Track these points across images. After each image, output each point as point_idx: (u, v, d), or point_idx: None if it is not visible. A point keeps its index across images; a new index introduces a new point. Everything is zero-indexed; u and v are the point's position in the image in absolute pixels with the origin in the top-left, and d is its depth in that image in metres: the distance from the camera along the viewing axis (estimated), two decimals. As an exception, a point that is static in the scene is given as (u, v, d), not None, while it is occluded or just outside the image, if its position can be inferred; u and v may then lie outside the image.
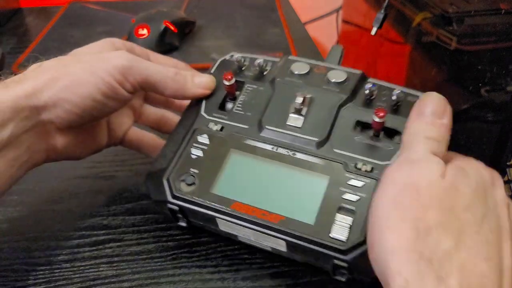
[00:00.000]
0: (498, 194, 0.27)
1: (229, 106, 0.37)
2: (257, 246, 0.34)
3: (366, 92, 0.34)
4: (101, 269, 0.36)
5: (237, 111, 0.36)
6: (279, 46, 0.69)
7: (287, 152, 0.33)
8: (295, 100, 0.34)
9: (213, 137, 0.35)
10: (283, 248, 0.32)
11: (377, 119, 0.31)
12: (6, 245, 0.38)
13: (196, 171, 0.33)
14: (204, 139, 0.35)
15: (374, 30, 0.46)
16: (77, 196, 0.43)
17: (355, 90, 0.35)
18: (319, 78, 0.36)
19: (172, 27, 0.67)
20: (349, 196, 0.30)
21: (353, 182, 0.31)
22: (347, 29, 0.93)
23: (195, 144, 0.35)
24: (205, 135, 0.35)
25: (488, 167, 0.29)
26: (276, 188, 0.32)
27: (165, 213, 0.35)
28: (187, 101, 0.39)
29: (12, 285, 0.35)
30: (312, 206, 0.30)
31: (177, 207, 0.33)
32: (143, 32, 0.66)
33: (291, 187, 0.32)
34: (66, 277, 0.36)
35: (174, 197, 0.33)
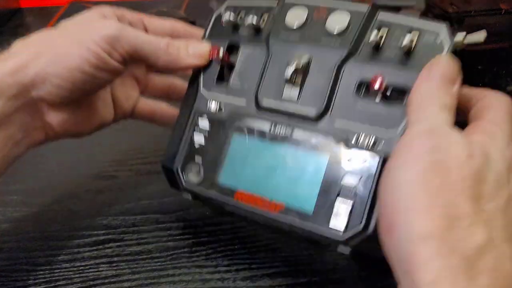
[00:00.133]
0: None
1: (227, 77, 0.34)
2: (265, 226, 0.34)
3: (371, 40, 0.29)
4: (101, 269, 0.36)
5: (234, 83, 0.33)
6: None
7: (286, 130, 0.30)
8: (287, 68, 0.30)
9: (213, 120, 0.33)
10: (286, 231, 0.31)
11: (376, 87, 0.27)
12: (6, 245, 0.38)
13: (200, 159, 0.33)
14: (204, 123, 0.34)
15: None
16: (77, 196, 0.43)
17: (359, 38, 0.30)
18: (318, 28, 0.31)
19: (172, 27, 0.67)
20: (349, 178, 0.28)
21: (353, 160, 0.28)
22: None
23: (196, 130, 0.34)
24: (205, 119, 0.34)
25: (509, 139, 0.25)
26: (276, 172, 0.30)
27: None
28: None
29: (12, 285, 0.35)
30: (311, 191, 0.28)
31: (190, 196, 0.34)
32: (143, 32, 0.65)
33: (291, 170, 0.30)
34: (66, 277, 0.36)
35: (187, 185, 0.33)
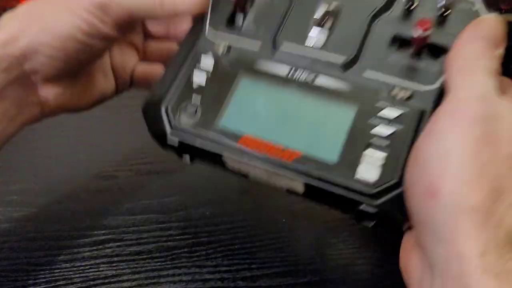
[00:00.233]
0: None
1: (238, 20, 0.31)
2: (271, 185, 0.30)
3: None
4: (101, 269, 0.36)
5: (247, 26, 0.31)
6: None
7: (307, 76, 0.28)
8: (317, 10, 0.28)
9: (218, 59, 0.30)
10: (299, 190, 0.28)
11: (419, 33, 0.26)
12: (6, 245, 0.38)
13: (198, 99, 0.29)
14: (207, 61, 0.30)
15: None
16: (77, 196, 0.43)
17: None
18: None
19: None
20: (381, 129, 0.25)
21: (387, 111, 0.26)
22: None
23: (197, 68, 0.30)
24: (209, 57, 0.30)
25: None
26: (293, 119, 0.27)
27: (166, 147, 0.31)
28: None
29: (12, 285, 0.35)
30: (335, 141, 0.26)
31: (177, 142, 0.29)
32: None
33: (311, 118, 0.27)
34: (66, 277, 0.36)
35: (174, 129, 0.29)
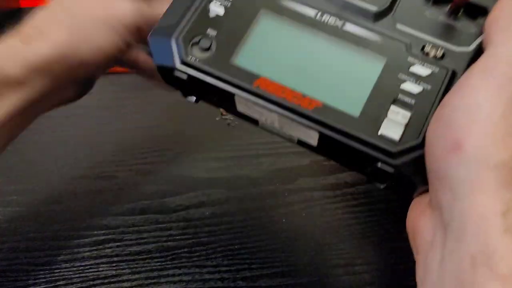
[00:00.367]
0: None
1: None
2: (281, 135, 0.28)
3: None
4: (101, 269, 0.36)
5: None
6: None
7: (335, 21, 0.27)
8: None
9: None
10: (313, 142, 0.26)
11: None
12: (6, 245, 0.38)
13: (214, 32, 0.27)
14: None
15: None
16: (77, 196, 0.43)
17: None
18: None
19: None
20: (409, 86, 0.24)
21: (417, 68, 0.25)
22: None
23: None
24: None
25: None
26: (315, 66, 0.26)
27: (171, 83, 0.29)
28: None
29: (12, 285, 0.35)
30: (359, 93, 0.25)
31: (185, 76, 0.27)
32: (143, 32, 0.65)
33: (335, 67, 0.26)
34: (66, 277, 0.36)
35: (184, 63, 0.26)
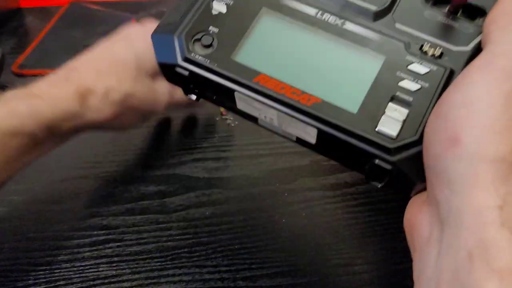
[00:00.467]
0: None
1: None
2: (279, 133, 0.29)
3: None
4: (101, 269, 0.36)
5: None
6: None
7: (335, 20, 0.27)
8: None
9: None
10: (311, 139, 0.27)
11: None
12: (6, 245, 0.38)
13: (216, 30, 0.27)
14: None
15: None
16: (77, 196, 0.43)
17: None
18: None
19: (172, 27, 0.67)
20: (407, 84, 0.25)
21: (415, 67, 0.25)
22: None
23: None
24: None
25: None
26: (314, 63, 0.27)
27: (174, 81, 0.30)
28: None
29: (12, 285, 0.35)
30: (357, 90, 0.25)
31: (187, 73, 0.27)
32: (143, 32, 0.65)
33: (334, 64, 0.26)
34: (66, 277, 0.36)
35: (186, 59, 0.27)
